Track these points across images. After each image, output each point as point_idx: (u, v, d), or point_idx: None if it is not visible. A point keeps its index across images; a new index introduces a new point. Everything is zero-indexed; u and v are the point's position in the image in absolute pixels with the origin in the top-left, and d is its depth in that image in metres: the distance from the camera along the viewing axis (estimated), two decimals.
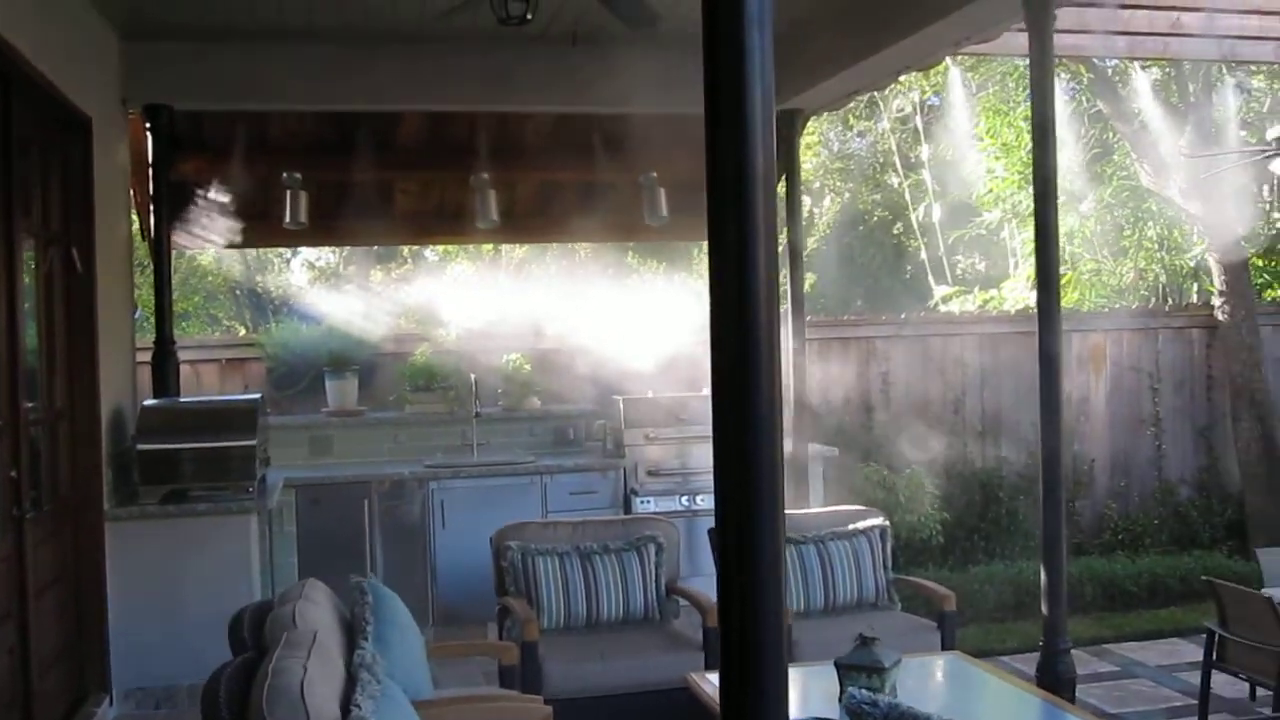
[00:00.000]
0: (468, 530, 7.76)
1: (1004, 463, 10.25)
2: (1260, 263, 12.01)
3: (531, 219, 9.38)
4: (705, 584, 6.69)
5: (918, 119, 15.30)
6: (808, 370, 8.51)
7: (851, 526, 6.85)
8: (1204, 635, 6.89)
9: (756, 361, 1.88)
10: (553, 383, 9.07)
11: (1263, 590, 6.81)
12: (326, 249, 16.03)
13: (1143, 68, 11.93)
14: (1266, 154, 8.04)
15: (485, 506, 7.89)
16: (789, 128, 8.02)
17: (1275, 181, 9.01)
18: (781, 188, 8.44)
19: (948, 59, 10.37)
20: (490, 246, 13.42)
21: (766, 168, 1.89)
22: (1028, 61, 5.45)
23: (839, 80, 7.36)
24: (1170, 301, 11.66)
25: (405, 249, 15.49)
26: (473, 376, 8.65)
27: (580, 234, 10.28)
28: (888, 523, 7.01)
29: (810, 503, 8.16)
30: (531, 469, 8.23)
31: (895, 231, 16.91)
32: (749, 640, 1.92)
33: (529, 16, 5.85)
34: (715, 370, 1.91)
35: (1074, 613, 9.32)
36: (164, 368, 7.56)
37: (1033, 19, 5.27)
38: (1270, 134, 8.01)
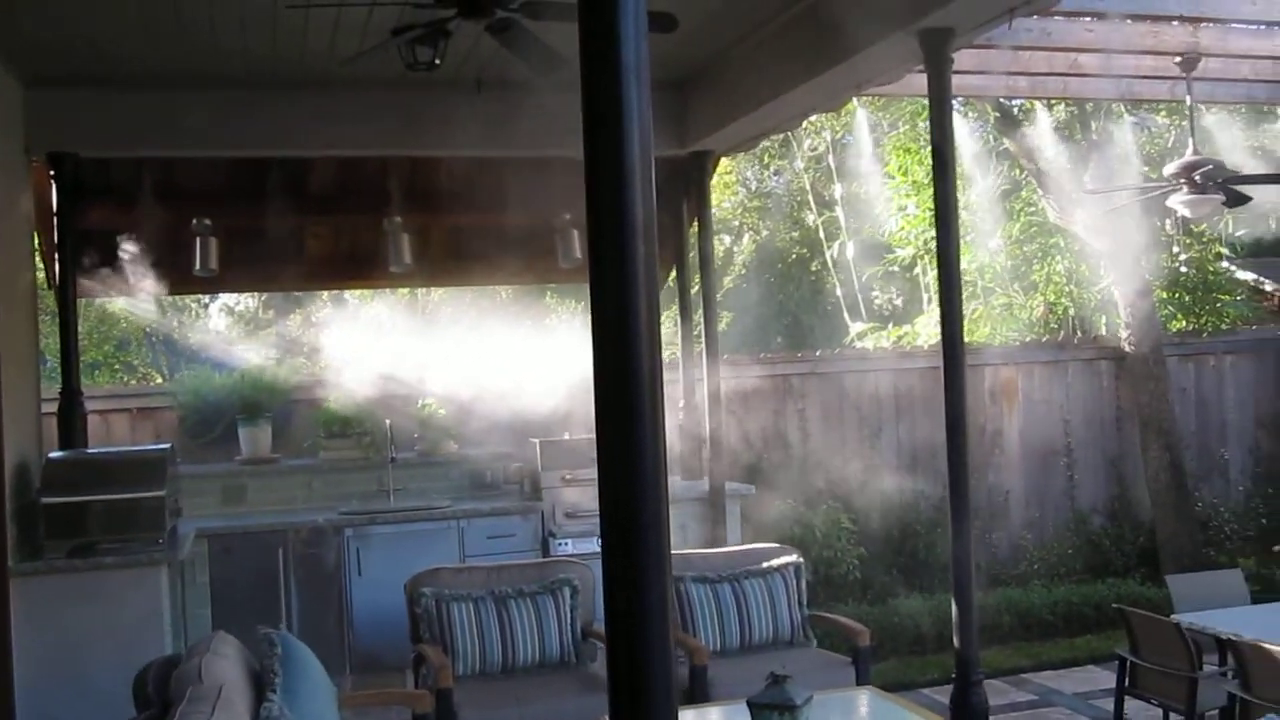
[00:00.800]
0: (385, 577, 7.68)
1: (921, 496, 10.34)
2: (1165, 295, 12.28)
3: (446, 262, 9.36)
4: None
5: (830, 158, 15.52)
6: (724, 409, 8.56)
7: (766, 564, 6.88)
8: (1118, 662, 7.00)
9: (639, 406, 1.90)
10: (470, 426, 9.02)
11: (1172, 616, 6.92)
12: (246, 294, 15.90)
13: (1048, 107, 12.21)
14: (1164, 190, 8.25)
15: (402, 552, 7.82)
16: (699, 169, 8.11)
17: (1175, 216, 9.24)
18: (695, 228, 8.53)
19: (855, 100, 10.54)
20: (406, 290, 13.38)
21: (646, 215, 1.91)
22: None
23: (748, 121, 7.46)
24: (1080, 334, 11.87)
25: (325, 293, 15.39)
26: (388, 422, 8.59)
27: (495, 277, 10.26)
28: (802, 560, 7.06)
29: (728, 541, 8.19)
30: (448, 514, 8.17)
31: (813, 269, 17.10)
32: (638, 685, 1.93)
33: (437, 62, 5.87)
34: (599, 415, 1.93)
35: (993, 643, 9.46)
36: (70, 418, 7.44)
37: (931, 61, 5.38)
38: (1167, 170, 8.22)
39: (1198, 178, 7.95)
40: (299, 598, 7.86)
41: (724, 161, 17.70)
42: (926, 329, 13.08)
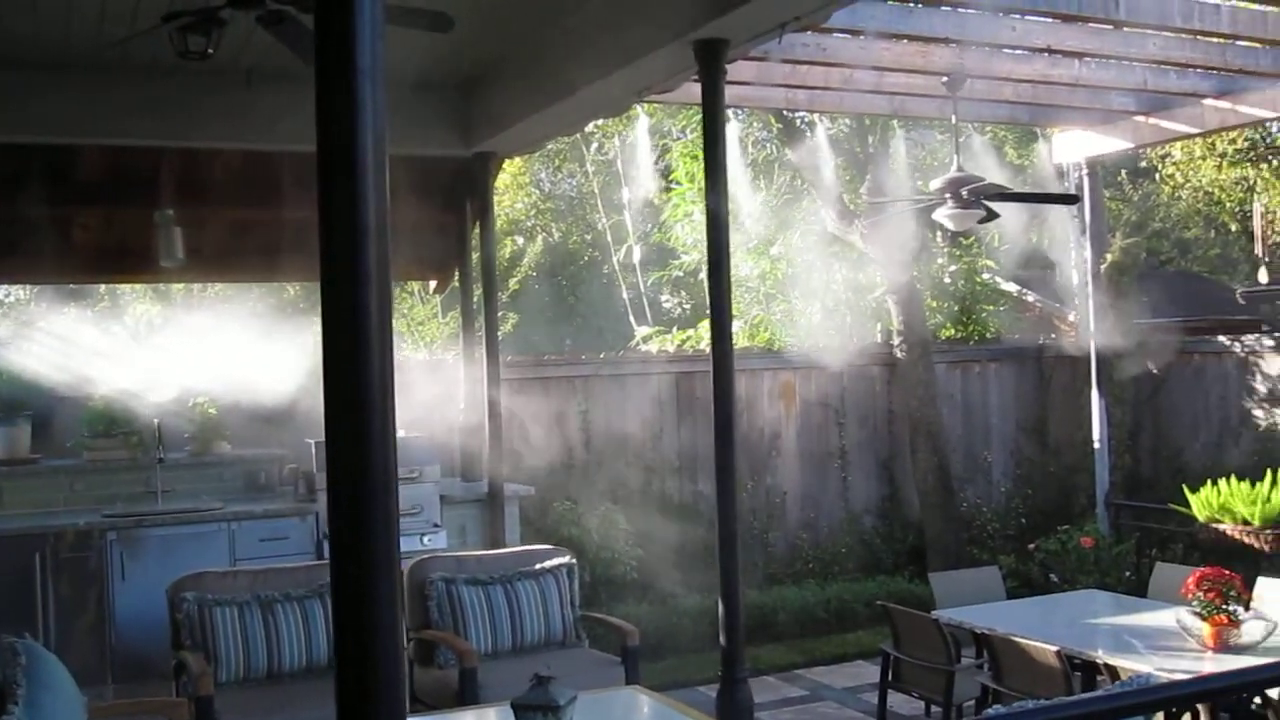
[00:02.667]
0: (151, 582, 7.39)
1: (700, 497, 10.53)
2: (934, 304, 12.79)
3: (223, 258, 9.08)
4: None
5: (619, 163, 15.66)
6: (506, 410, 8.55)
7: (539, 566, 6.91)
8: (882, 657, 7.28)
9: (369, 407, 1.89)
10: (244, 426, 8.79)
11: (933, 613, 7.22)
12: (16, 286, 15.12)
13: (831, 119, 12.59)
14: (931, 203, 8.59)
15: (170, 556, 7.56)
16: (483, 170, 8.08)
17: (937, 229, 9.64)
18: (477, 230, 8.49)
19: (641, 106, 10.67)
20: (181, 285, 12.94)
21: (379, 216, 1.90)
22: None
23: (531, 124, 7.47)
24: (855, 340, 12.26)
25: (103, 287, 14.75)
26: (156, 421, 8.30)
27: (275, 274, 10.03)
28: (575, 561, 7.11)
29: (506, 542, 8.19)
30: (219, 516, 7.94)
31: (605, 272, 17.21)
32: (367, 688, 1.91)
33: (210, 51, 5.71)
34: (328, 416, 1.91)
35: (769, 640, 9.70)
36: None
37: (705, 71, 5.49)
38: (933, 185, 8.57)
39: (964, 193, 8.30)
40: (57, 605, 7.52)
41: (517, 162, 17.76)
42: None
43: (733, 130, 12.48)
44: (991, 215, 8.40)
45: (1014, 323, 13.79)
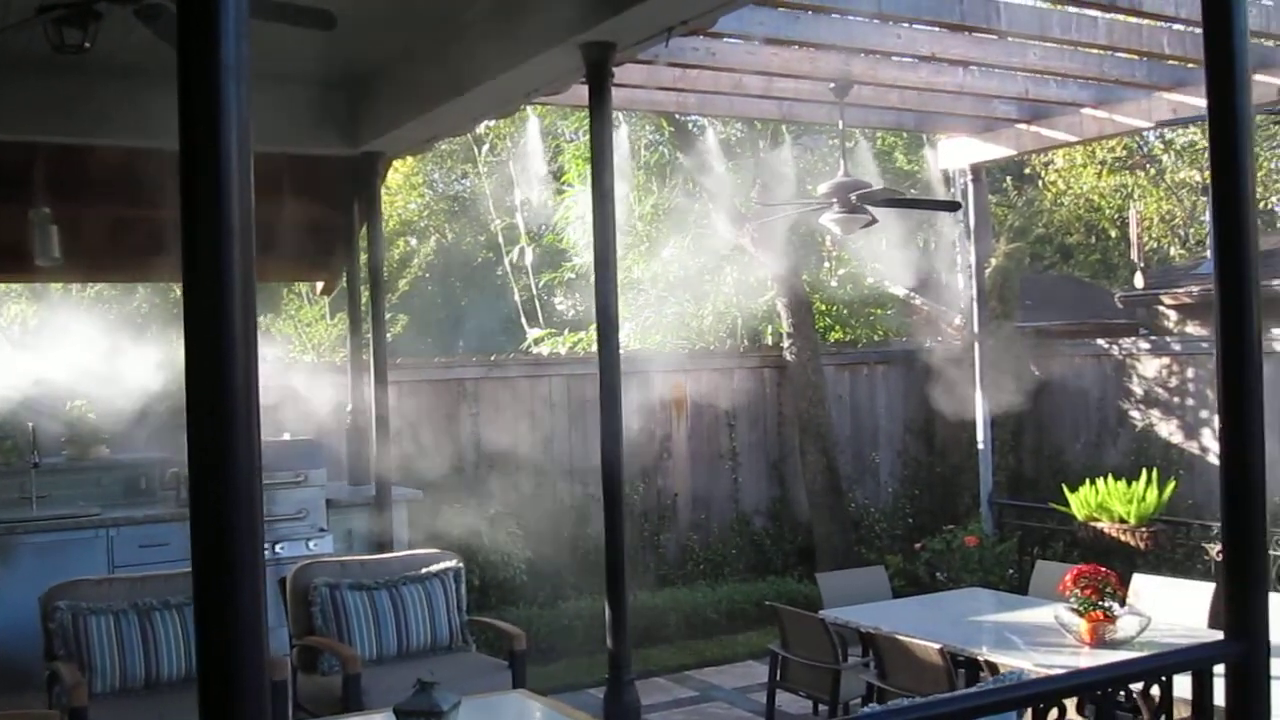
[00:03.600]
0: (25, 590, 7.14)
1: (592, 500, 10.50)
2: (823, 307, 12.94)
3: (101, 257, 8.86)
4: (271, 637, 6.50)
5: (511, 164, 15.60)
6: (395, 413, 8.46)
7: (426, 570, 6.85)
8: (770, 657, 7.34)
9: (233, 413, 1.84)
10: (124, 429, 8.57)
11: (819, 612, 7.30)
12: None
13: (723, 123, 12.68)
14: (819, 207, 8.69)
15: (44, 564, 7.33)
16: (370, 170, 7.98)
17: (826, 233, 9.75)
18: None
19: (530, 107, 10.64)
20: (59, 285, 12.62)
21: (243, 217, 1.86)
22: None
23: (420, 124, 7.40)
24: (746, 343, 12.37)
25: None
26: (31, 425, 8.06)
27: (154, 273, 9.79)
28: (461, 565, 7.06)
29: (394, 546, 8.10)
30: (95, 522, 7.73)
31: (499, 273, 17.14)
32: (229, 697, 1.87)
33: (87, 45, 5.57)
34: (191, 421, 1.86)
35: (660, 642, 9.72)
36: None
37: (592, 74, 5.49)
38: (820, 190, 8.67)
39: (851, 198, 8.41)
40: None
41: (410, 162, 17.61)
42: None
43: (625, 133, 12.49)
44: (871, 220, 8.52)
45: (902, 325, 14.01)
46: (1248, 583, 2.94)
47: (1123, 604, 6.65)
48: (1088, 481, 9.78)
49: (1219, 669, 3.01)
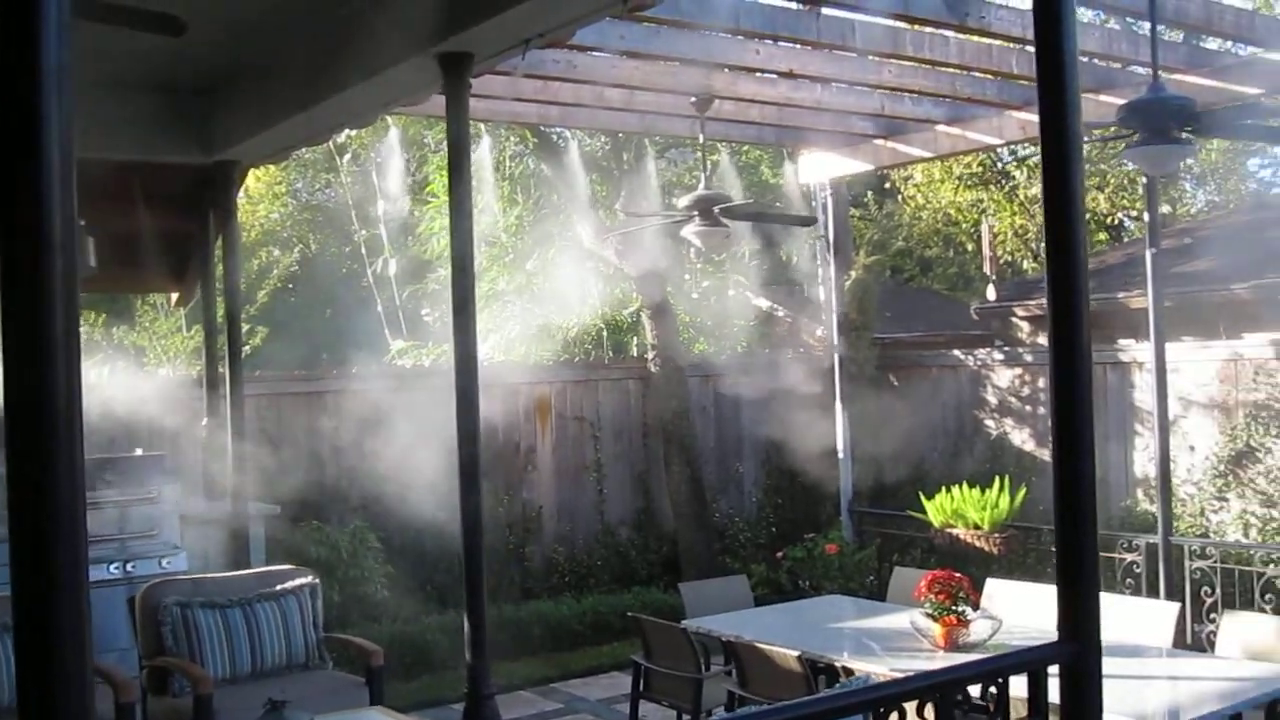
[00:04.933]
0: None
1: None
2: (687, 319, 13.04)
3: None
4: (120, 658, 6.33)
5: (374, 174, 15.43)
6: (252, 426, 8.29)
7: (281, 586, 6.73)
8: (634, 667, 7.36)
9: (54, 432, 1.79)
10: None
11: (682, 622, 7.35)
12: None
13: (589, 135, 12.71)
14: (681, 220, 8.76)
15: None
16: (224, 179, 7.81)
17: (690, 246, 9.81)
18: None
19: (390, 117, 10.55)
20: None
21: (65, 229, 1.80)
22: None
23: (276, 133, 7.26)
24: (611, 354, 12.41)
25: None
26: None
27: None
28: (318, 581, 6.95)
29: (251, 563, 7.93)
30: None
31: (364, 284, 16.91)
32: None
33: None
34: (9, 441, 1.80)
35: (525, 654, 9.68)
36: None
37: (449, 84, 5.45)
38: (681, 203, 8.74)
39: (712, 211, 8.49)
40: None
41: (274, 171, 17.29)
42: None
43: (488, 144, 12.44)
44: (730, 233, 8.63)
45: (764, 337, 14.18)
46: (1080, 586, 3.03)
47: (976, 608, 6.82)
48: (944, 489, 10.01)
49: (1054, 669, 3.10)
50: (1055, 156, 3.08)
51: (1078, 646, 3.02)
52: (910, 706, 2.79)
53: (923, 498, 10.06)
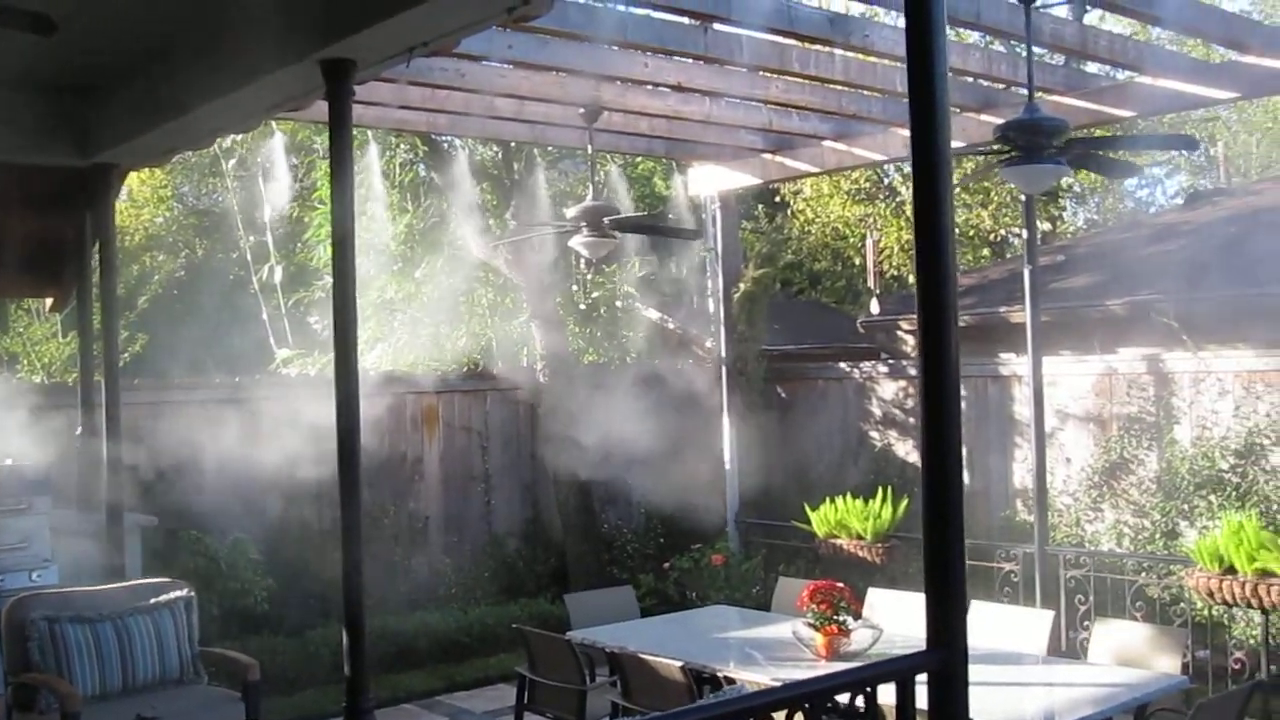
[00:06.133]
0: None
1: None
2: (576, 329, 13.04)
3: None
4: None
5: (261, 179, 15.19)
6: (129, 436, 8.09)
7: (154, 600, 6.58)
8: (519, 679, 7.34)
9: None
10: None
11: (567, 633, 7.34)
12: None
13: (481, 144, 12.65)
14: (569, 230, 8.77)
15: None
16: (102, 182, 7.62)
17: (579, 256, 9.81)
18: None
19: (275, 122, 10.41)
20: None
21: None
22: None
23: (156, 136, 7.11)
24: (500, 364, 12.34)
25: None
26: None
27: None
28: (193, 594, 6.80)
29: (127, 576, 7.74)
30: None
31: (251, 292, 16.61)
32: None
33: None
34: None
35: (410, 667, 9.59)
36: None
37: (332, 91, 5.39)
38: (569, 213, 8.75)
39: (599, 221, 8.52)
40: None
41: (159, 175, 16.92)
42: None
43: (375, 152, 12.32)
44: (617, 244, 8.67)
45: (654, 348, 14.21)
46: (947, 595, 3.10)
47: (858, 617, 6.92)
48: (829, 500, 10.13)
49: (922, 676, 3.16)
50: (925, 173, 3.14)
51: (945, 654, 3.07)
52: (780, 716, 2.82)
53: (808, 508, 10.17)
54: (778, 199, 20.35)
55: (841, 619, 6.72)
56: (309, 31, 5.26)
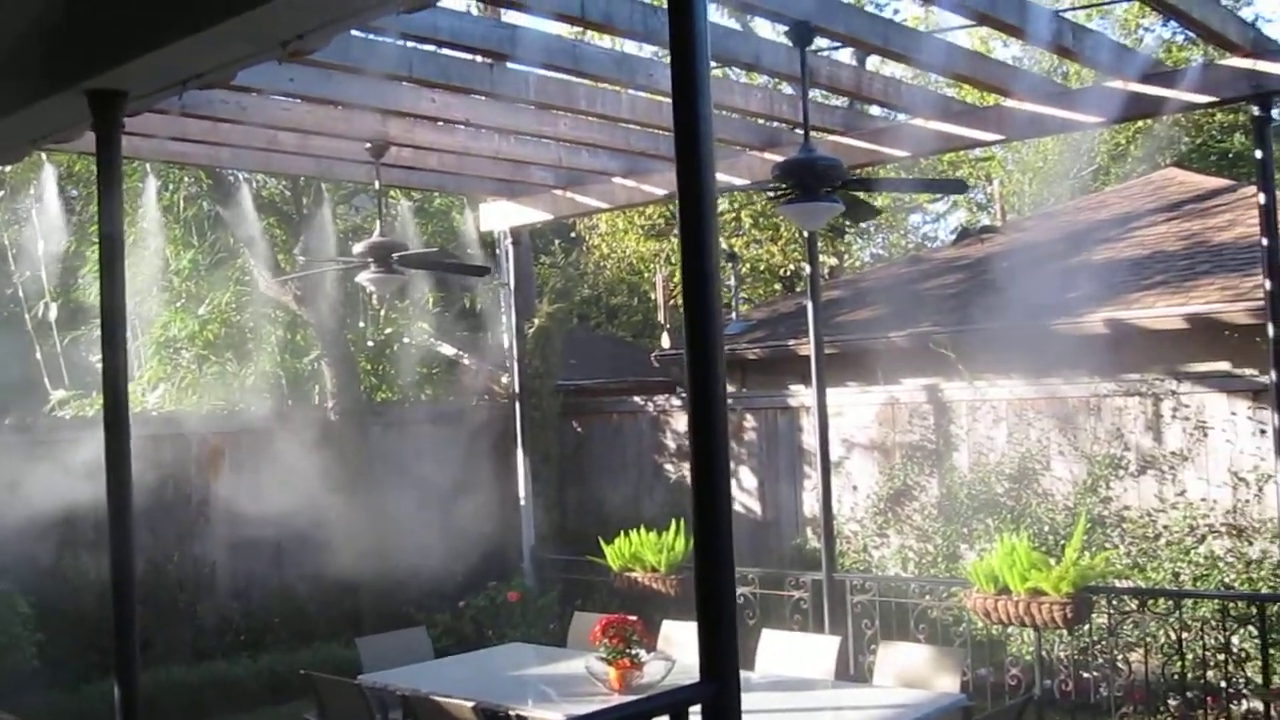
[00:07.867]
0: None
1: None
2: (369, 366, 12.85)
3: None
4: None
5: (35, 213, 14.53)
6: None
7: None
8: None
9: None
10: None
11: (359, 677, 7.20)
12: None
13: (270, 179, 12.39)
14: (357, 266, 8.65)
15: None
16: None
17: (369, 292, 9.69)
18: None
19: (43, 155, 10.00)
20: None
21: None
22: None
23: None
24: (290, 403, 12.07)
25: None
26: None
27: None
28: None
29: None
30: None
31: (25, 330, 15.83)
32: None
33: None
34: None
35: (199, 718, 9.25)
36: None
37: (100, 123, 5.21)
38: (356, 249, 8.64)
39: (386, 257, 8.42)
40: None
41: None
42: (140, 396, 12.57)
43: (154, 186, 11.92)
44: (405, 280, 8.61)
45: (450, 385, 14.10)
46: (718, 627, 3.14)
47: (651, 650, 6.98)
48: (623, 533, 10.18)
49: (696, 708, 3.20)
50: (691, 210, 3.22)
51: (718, 685, 3.12)
52: None
53: (603, 542, 10.20)
54: (574, 234, 20.49)
55: (634, 652, 6.77)
56: (76, 61, 5.07)
